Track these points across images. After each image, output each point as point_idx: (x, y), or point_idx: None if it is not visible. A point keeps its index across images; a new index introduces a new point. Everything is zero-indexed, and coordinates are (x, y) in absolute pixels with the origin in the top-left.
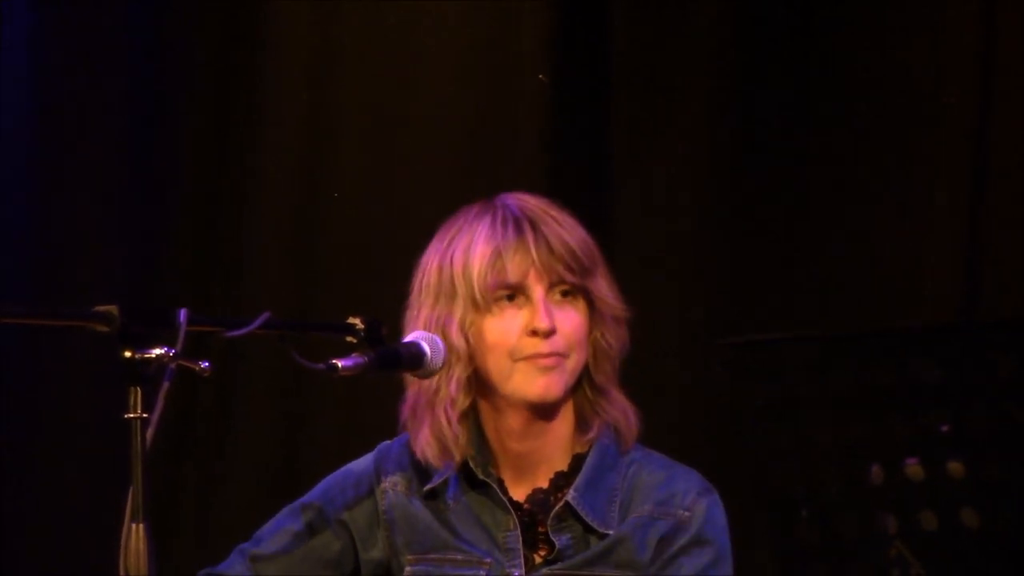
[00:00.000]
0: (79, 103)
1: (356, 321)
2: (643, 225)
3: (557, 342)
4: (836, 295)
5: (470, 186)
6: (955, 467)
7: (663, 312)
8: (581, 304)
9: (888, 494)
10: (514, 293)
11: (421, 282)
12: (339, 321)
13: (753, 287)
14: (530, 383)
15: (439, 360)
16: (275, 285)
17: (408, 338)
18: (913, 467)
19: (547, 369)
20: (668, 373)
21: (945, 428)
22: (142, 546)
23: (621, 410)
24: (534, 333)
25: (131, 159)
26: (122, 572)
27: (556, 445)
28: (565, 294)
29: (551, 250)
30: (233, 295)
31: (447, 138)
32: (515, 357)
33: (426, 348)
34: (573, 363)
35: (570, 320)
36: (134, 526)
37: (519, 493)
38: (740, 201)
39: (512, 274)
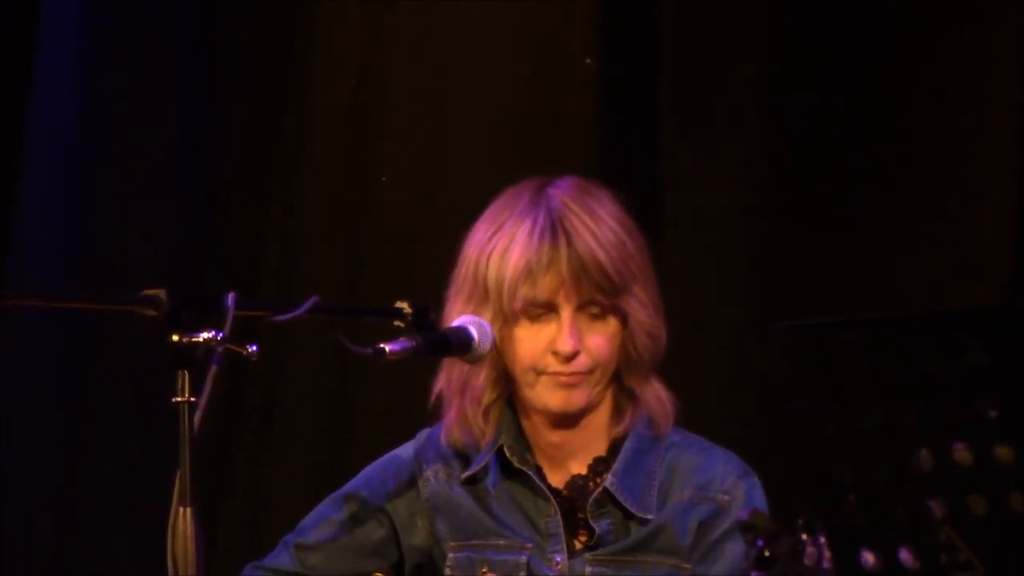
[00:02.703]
0: (128, 92)
1: (404, 306)
2: (692, 209)
3: (581, 362)
4: (885, 279)
5: (518, 171)
6: (1004, 452)
7: (712, 296)
8: (613, 322)
9: (936, 479)
10: (544, 310)
11: (460, 271)
12: (387, 306)
13: (802, 271)
14: (551, 396)
15: (487, 345)
16: (323, 270)
17: (456, 322)
18: (961, 452)
19: (568, 386)
20: (718, 357)
21: (993, 413)
22: (189, 530)
23: (656, 399)
24: (556, 353)
25: (180, 146)
26: (169, 555)
27: (592, 434)
28: (595, 316)
29: (584, 268)
30: (282, 280)
31: (495, 122)
32: (538, 371)
33: (474, 333)
34: (598, 376)
35: (596, 341)
36: (181, 510)
37: (557, 479)
38: (790, 185)
39: (542, 292)
